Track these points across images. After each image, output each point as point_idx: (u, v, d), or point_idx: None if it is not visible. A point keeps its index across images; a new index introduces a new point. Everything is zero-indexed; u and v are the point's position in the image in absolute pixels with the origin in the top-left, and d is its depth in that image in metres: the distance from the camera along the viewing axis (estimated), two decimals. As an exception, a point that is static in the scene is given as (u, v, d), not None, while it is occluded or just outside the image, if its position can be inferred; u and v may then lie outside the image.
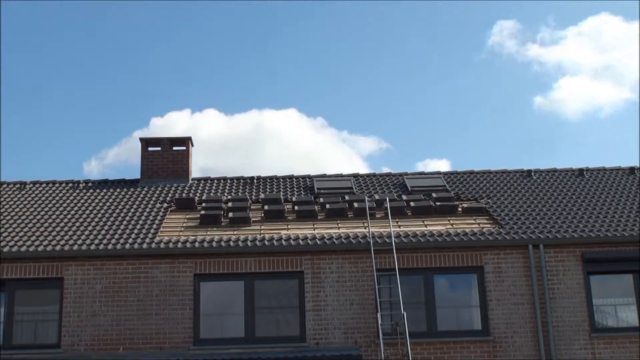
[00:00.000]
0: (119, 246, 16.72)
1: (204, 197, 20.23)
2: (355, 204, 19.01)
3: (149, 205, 19.63)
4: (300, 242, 16.89)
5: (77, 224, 18.28)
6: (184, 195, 20.57)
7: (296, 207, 19.12)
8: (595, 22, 54.27)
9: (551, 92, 54.17)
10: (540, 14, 52.79)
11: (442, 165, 50.91)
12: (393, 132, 52.35)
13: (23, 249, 16.69)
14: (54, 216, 18.94)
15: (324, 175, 22.15)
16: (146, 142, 21.93)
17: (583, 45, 54.90)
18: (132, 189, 20.99)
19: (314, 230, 17.72)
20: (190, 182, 21.73)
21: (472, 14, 51.85)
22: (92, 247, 16.73)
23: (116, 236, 17.35)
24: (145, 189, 21.03)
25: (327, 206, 19.11)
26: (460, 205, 19.31)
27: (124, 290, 16.42)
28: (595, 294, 16.83)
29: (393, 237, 16.88)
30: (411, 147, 51.94)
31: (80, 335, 16.13)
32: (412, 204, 19.11)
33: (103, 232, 17.67)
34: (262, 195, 20.48)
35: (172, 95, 51.22)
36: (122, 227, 17.98)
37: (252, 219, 18.46)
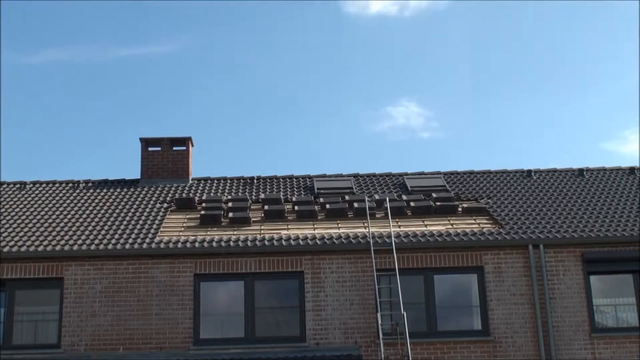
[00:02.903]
0: (119, 246, 16.72)
1: (204, 197, 20.22)
2: (355, 204, 19.00)
3: (149, 205, 19.63)
4: (300, 242, 16.88)
5: (77, 224, 18.27)
6: (184, 195, 20.56)
7: (296, 207, 19.11)
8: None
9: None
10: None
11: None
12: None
13: (23, 249, 16.68)
14: (54, 216, 18.93)
15: (324, 175, 22.15)
16: (146, 142, 21.90)
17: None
18: (132, 189, 20.98)
19: (314, 230, 17.72)
20: (190, 182, 21.72)
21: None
22: (92, 247, 16.72)
23: (116, 236, 17.35)
24: (145, 189, 21.03)
25: (327, 206, 19.10)
26: (460, 205, 19.30)
27: (124, 290, 16.41)
28: (595, 294, 16.82)
29: (393, 237, 16.87)
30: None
31: (80, 335, 16.12)
32: (412, 204, 19.10)
33: (103, 232, 17.66)
34: (262, 195, 20.47)
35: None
36: (122, 227, 17.97)
37: (252, 219, 18.45)
